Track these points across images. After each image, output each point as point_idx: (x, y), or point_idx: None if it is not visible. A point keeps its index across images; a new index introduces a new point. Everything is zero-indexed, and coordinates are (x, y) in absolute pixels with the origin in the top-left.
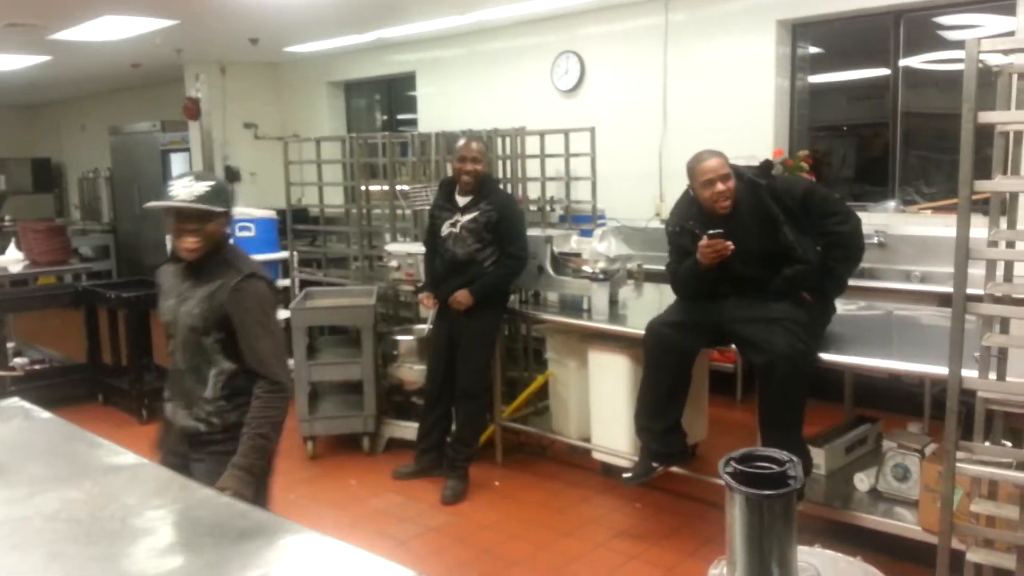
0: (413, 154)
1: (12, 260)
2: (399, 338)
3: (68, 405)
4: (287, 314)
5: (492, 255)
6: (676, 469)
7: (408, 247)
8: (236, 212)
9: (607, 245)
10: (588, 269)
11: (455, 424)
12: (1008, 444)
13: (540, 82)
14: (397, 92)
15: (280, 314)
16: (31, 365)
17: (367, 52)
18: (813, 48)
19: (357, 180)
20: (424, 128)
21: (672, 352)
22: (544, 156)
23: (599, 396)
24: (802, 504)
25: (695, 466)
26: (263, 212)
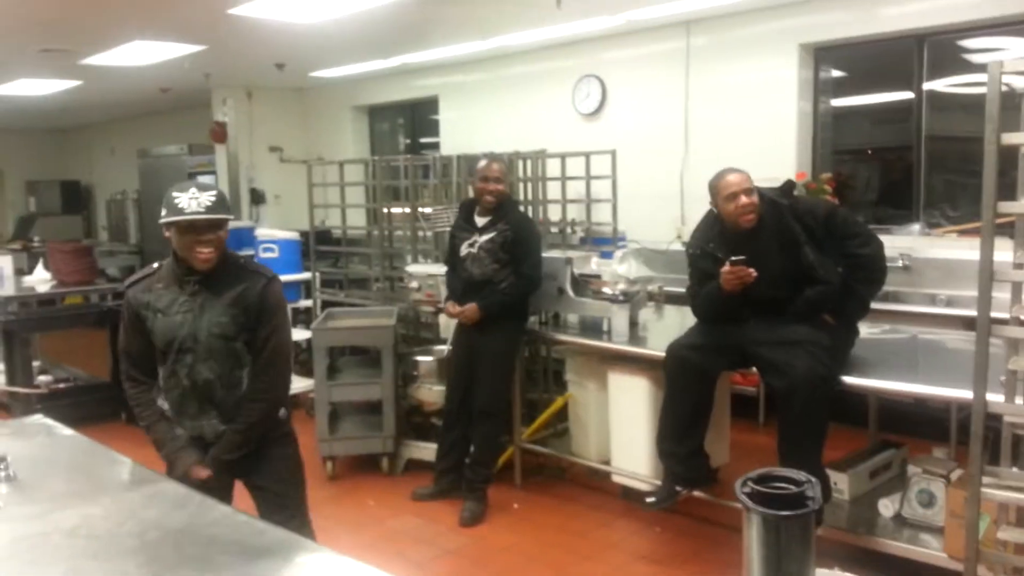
0: (435, 176)
1: (40, 280)
2: (419, 359)
3: (92, 423)
4: (309, 334)
5: (509, 276)
6: (697, 493)
7: (429, 268)
8: (261, 234)
9: (627, 267)
10: (608, 291)
11: (473, 445)
12: None
13: (562, 106)
14: (420, 116)
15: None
16: (56, 383)
17: (391, 77)
18: (836, 72)
19: (379, 202)
20: (447, 151)
21: (693, 375)
22: (565, 178)
23: (619, 418)
24: (825, 529)
25: (716, 490)
26: (287, 234)
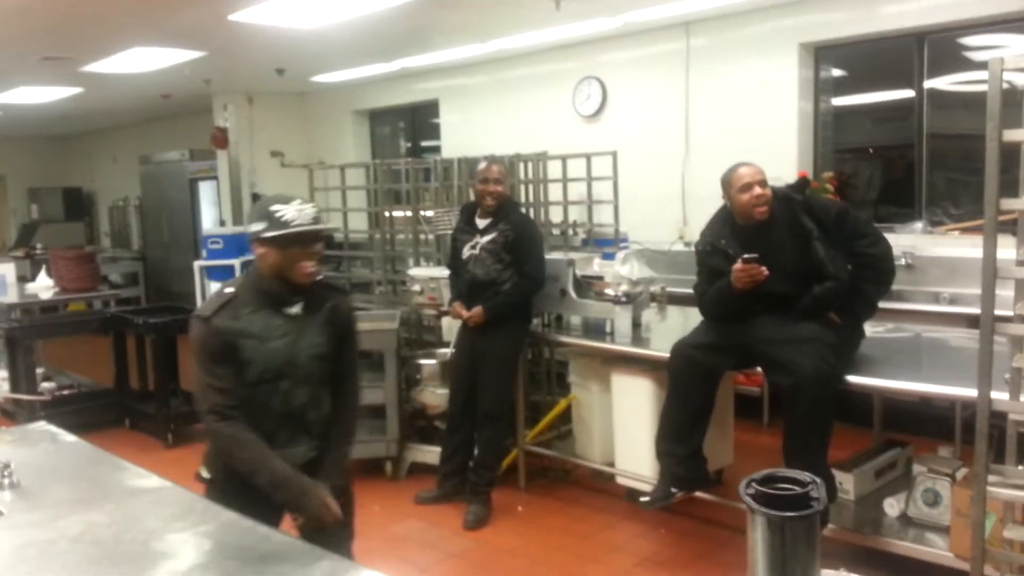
0: (436, 180)
1: (43, 287)
2: (422, 362)
3: (96, 430)
4: None
5: (512, 276)
6: (701, 494)
7: (431, 271)
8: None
9: (630, 268)
10: (611, 292)
11: (477, 448)
12: None
13: (562, 108)
14: (421, 119)
15: None
16: (59, 390)
17: (391, 81)
18: (836, 71)
19: (381, 206)
20: (448, 154)
21: (698, 374)
22: (566, 180)
23: (623, 420)
24: (830, 529)
25: (720, 492)
26: None
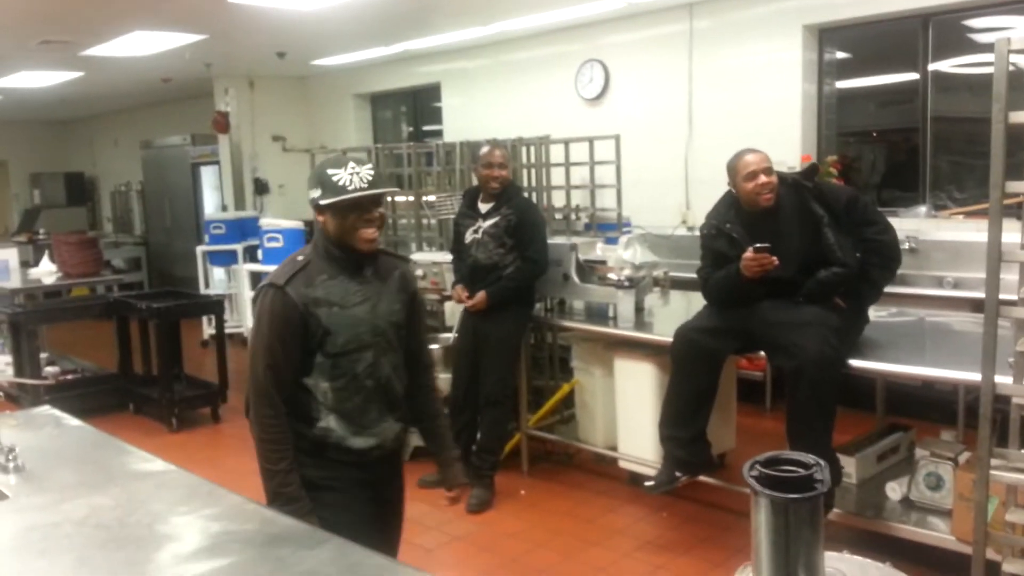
0: (438, 164)
1: (46, 272)
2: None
3: (99, 414)
4: None
5: (515, 261)
6: (704, 478)
7: (433, 256)
8: (265, 223)
9: (632, 252)
10: (613, 276)
11: (480, 432)
12: None
13: (564, 91)
14: (423, 103)
15: None
16: (63, 375)
17: (393, 64)
18: (840, 53)
19: None
20: (450, 139)
21: (702, 358)
22: (569, 164)
23: (625, 404)
24: (833, 513)
25: (723, 475)
26: (291, 223)
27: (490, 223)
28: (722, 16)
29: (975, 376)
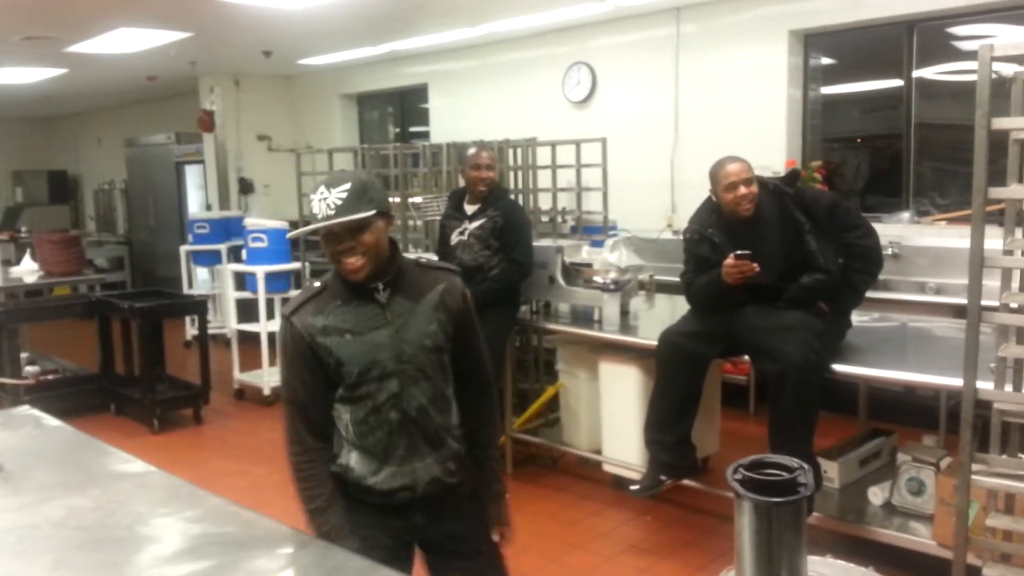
0: (424, 165)
1: (27, 271)
2: None
3: (81, 415)
4: None
5: (500, 263)
6: (688, 482)
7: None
8: (250, 223)
9: (618, 256)
10: (599, 279)
11: None
12: None
13: (551, 93)
14: (409, 104)
15: None
16: (44, 375)
17: (380, 64)
18: (826, 59)
19: None
20: (436, 140)
21: (686, 362)
22: (555, 167)
23: (610, 407)
24: (815, 518)
25: (707, 479)
26: (276, 223)
27: (476, 225)
28: (709, 21)
29: (957, 381)
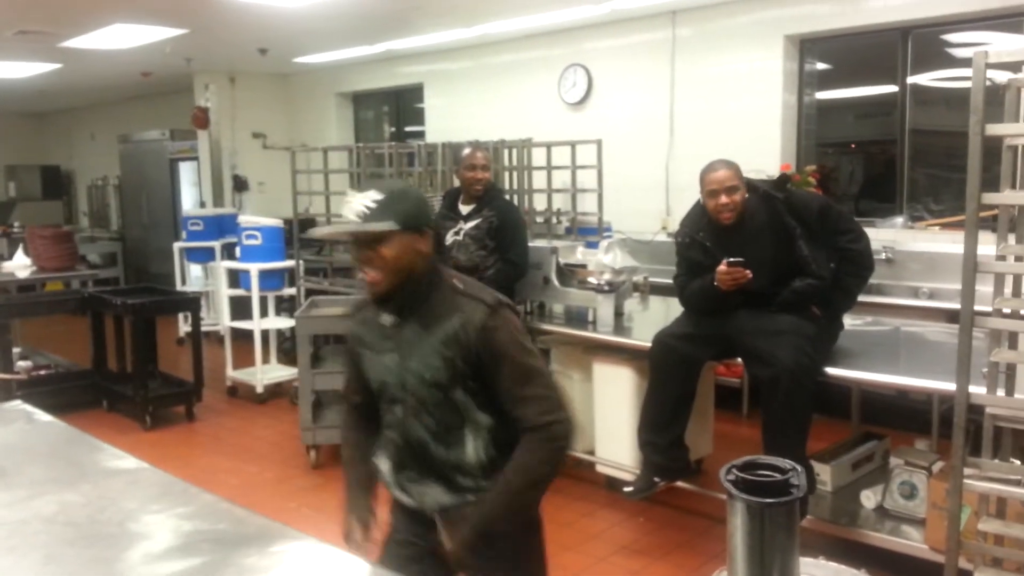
0: (419, 165)
1: (20, 266)
2: None
3: (72, 411)
4: (292, 323)
5: (496, 263)
6: (681, 484)
7: None
8: (244, 220)
9: (613, 257)
10: (593, 280)
11: None
12: (1017, 462)
13: (547, 95)
14: (405, 104)
15: (285, 322)
16: (36, 370)
17: (375, 64)
18: (821, 64)
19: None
20: (432, 139)
21: (679, 364)
22: (551, 168)
23: (604, 408)
24: (807, 520)
25: (700, 481)
26: (270, 221)
27: (471, 225)
28: (705, 24)
29: (949, 386)
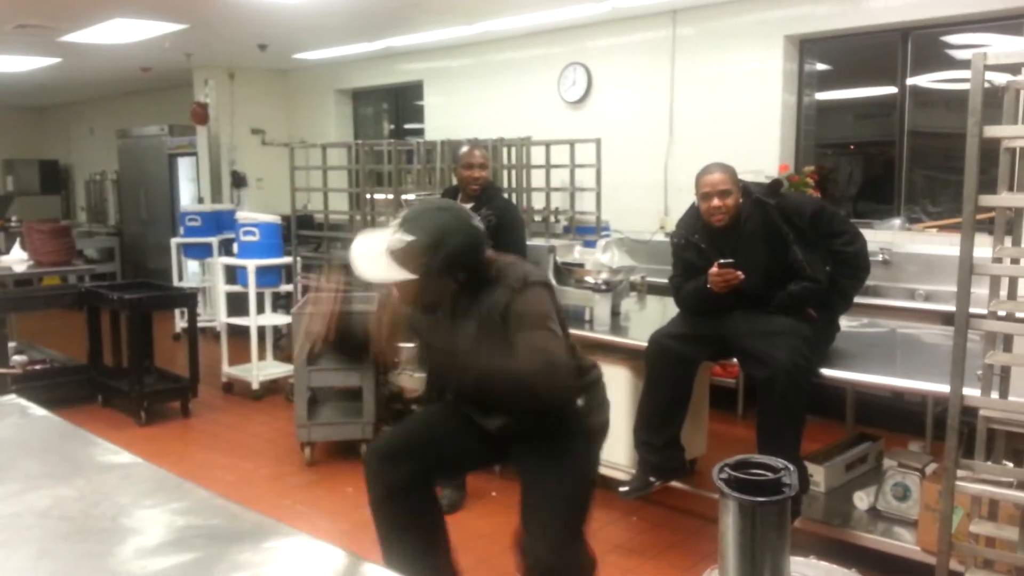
0: (418, 162)
1: (16, 260)
2: (400, 345)
3: (68, 406)
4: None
5: None
6: (675, 484)
7: None
8: (242, 217)
9: (610, 256)
10: (591, 280)
11: None
12: (1009, 464)
13: (547, 93)
14: (405, 101)
15: (282, 319)
16: (31, 364)
17: (375, 60)
18: (820, 65)
19: (362, 187)
20: (431, 137)
21: (675, 364)
22: (549, 167)
23: None
24: (800, 521)
25: (694, 481)
26: (268, 217)
27: None
28: (705, 24)
29: (944, 388)
